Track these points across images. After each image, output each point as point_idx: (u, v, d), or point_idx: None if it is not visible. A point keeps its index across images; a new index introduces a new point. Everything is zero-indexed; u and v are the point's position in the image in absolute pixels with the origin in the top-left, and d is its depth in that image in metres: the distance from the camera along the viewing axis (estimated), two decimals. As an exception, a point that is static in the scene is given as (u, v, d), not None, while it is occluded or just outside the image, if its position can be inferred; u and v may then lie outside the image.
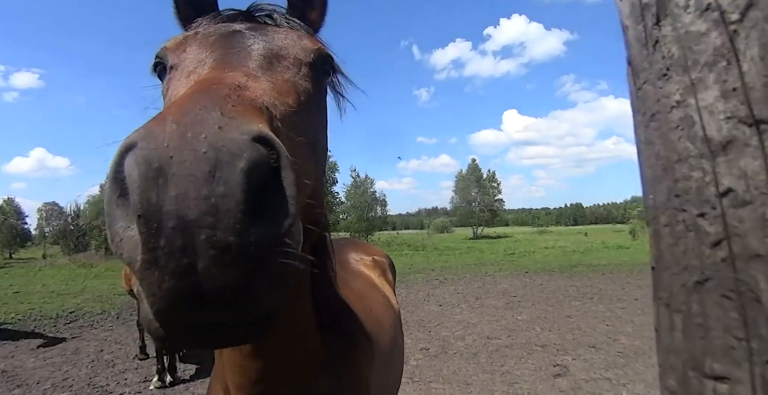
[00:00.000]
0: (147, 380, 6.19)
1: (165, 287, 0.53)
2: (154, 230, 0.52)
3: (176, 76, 0.94)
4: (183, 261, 0.52)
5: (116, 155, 0.59)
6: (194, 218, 0.52)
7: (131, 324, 9.89)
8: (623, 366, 6.59)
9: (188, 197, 0.52)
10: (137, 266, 0.54)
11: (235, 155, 0.55)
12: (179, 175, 0.53)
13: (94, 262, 28.36)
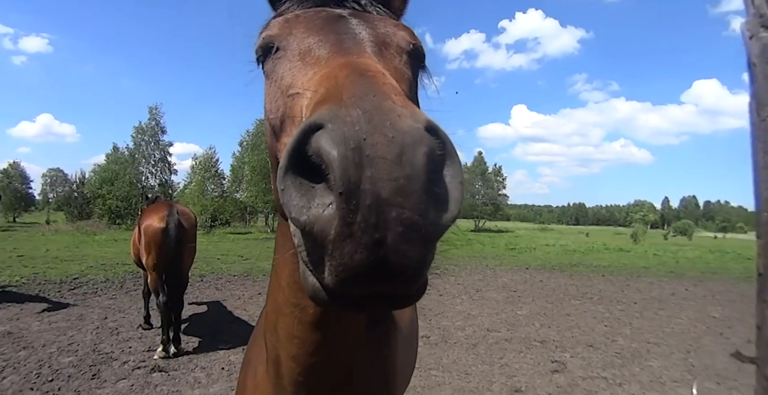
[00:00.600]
0: (151, 349, 6.28)
1: (357, 258, 0.58)
2: (353, 207, 0.57)
3: (288, 57, 0.95)
4: (375, 236, 0.57)
5: (300, 133, 0.62)
6: (386, 197, 0.56)
7: (134, 294, 10.03)
8: (620, 366, 6.66)
9: (382, 178, 0.57)
10: (330, 238, 0.59)
11: (417, 142, 0.59)
12: (373, 157, 0.57)
13: (97, 230, 28.56)
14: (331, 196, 0.59)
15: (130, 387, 5.00)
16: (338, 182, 0.57)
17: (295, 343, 1.17)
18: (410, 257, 0.59)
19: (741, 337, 8.51)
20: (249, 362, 1.52)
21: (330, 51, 0.88)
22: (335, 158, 0.57)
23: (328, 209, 0.60)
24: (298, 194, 0.63)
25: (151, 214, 6.14)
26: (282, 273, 1.18)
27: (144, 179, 37.39)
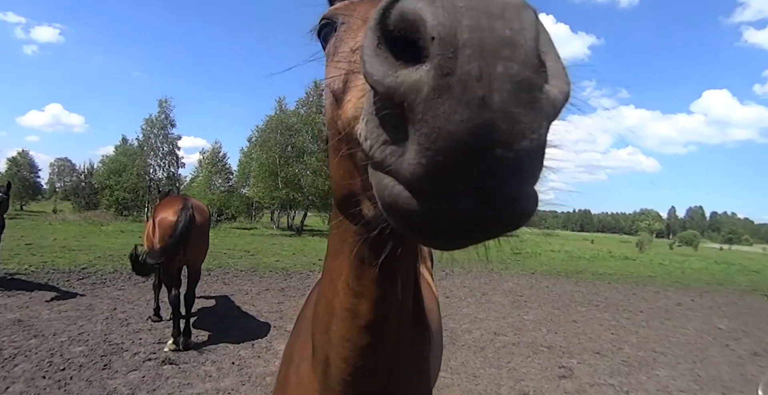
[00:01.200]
0: (161, 341, 6.32)
1: (456, 118, 0.47)
2: (450, 55, 0.47)
3: (352, 27, 0.93)
4: (479, 92, 0.47)
5: (382, 6, 0.54)
6: (490, 47, 0.47)
7: (143, 285, 10.06)
8: (627, 374, 6.65)
9: (483, 28, 0.47)
10: (423, 96, 0.48)
11: (521, 4, 0.51)
12: (470, 9, 0.48)
13: (103, 221, 28.71)
14: (420, 63, 0.50)
15: (141, 379, 5.04)
16: (429, 28, 0.48)
17: (347, 346, 1.19)
18: (524, 125, 0.48)
19: (747, 349, 8.48)
20: (291, 358, 1.53)
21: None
22: (422, 7, 0.49)
23: (420, 69, 0.50)
24: (381, 60, 0.53)
25: (166, 207, 6.17)
26: (338, 278, 1.18)
27: (152, 172, 37.66)
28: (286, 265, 14.87)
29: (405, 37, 0.52)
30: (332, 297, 1.21)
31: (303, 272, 13.70)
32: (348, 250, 1.13)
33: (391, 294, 1.14)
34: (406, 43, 0.52)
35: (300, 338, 1.53)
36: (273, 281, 12.05)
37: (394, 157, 0.54)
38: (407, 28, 0.51)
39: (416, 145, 0.50)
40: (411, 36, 0.51)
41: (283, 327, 7.68)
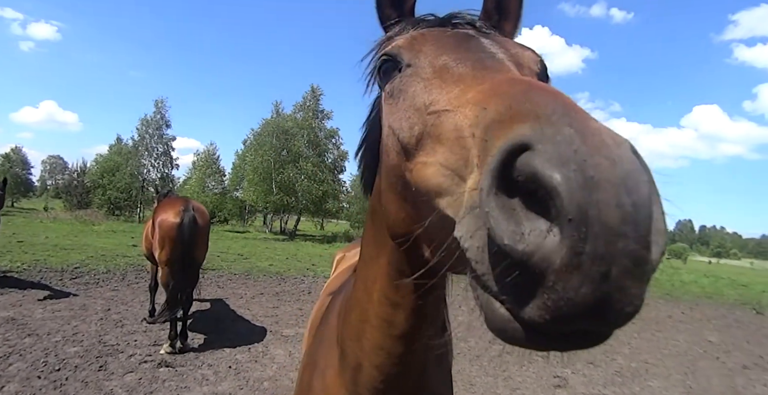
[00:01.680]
0: (157, 343, 6.28)
1: (582, 292, 0.52)
2: (582, 235, 0.51)
3: (421, 74, 0.92)
4: (602, 268, 0.52)
5: (505, 151, 0.58)
6: (614, 226, 0.51)
7: (136, 286, 10.02)
8: (620, 384, 6.71)
9: (609, 205, 0.51)
10: (554, 269, 0.53)
11: (638, 169, 0.55)
12: (598, 180, 0.52)
13: (95, 220, 28.44)
14: (545, 222, 0.54)
15: (138, 381, 5.01)
16: (567, 208, 0.52)
17: (380, 354, 1.23)
18: (632, 295, 0.54)
19: (737, 362, 8.58)
20: (315, 364, 1.55)
21: (474, 68, 0.84)
22: (559, 180, 0.52)
23: (549, 236, 0.54)
24: (506, 218, 0.57)
25: (166, 208, 6.17)
26: (373, 287, 1.21)
27: (145, 172, 37.35)
28: (280, 269, 14.82)
29: (528, 188, 0.56)
30: (367, 306, 1.24)
31: (297, 277, 13.66)
32: (385, 260, 1.17)
33: (427, 305, 1.18)
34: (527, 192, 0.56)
35: (324, 344, 1.56)
36: (267, 285, 12.01)
37: (510, 299, 0.60)
38: (539, 191, 0.55)
39: (542, 304, 0.56)
40: (541, 196, 0.55)
41: (279, 331, 7.66)
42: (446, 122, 0.77)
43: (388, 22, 1.18)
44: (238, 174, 38.56)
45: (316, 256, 20.52)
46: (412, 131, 0.86)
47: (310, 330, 2.17)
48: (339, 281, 2.47)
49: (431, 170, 0.77)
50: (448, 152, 0.74)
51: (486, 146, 0.64)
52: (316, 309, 2.36)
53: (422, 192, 0.79)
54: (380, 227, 1.19)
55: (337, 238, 34.60)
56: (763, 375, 7.99)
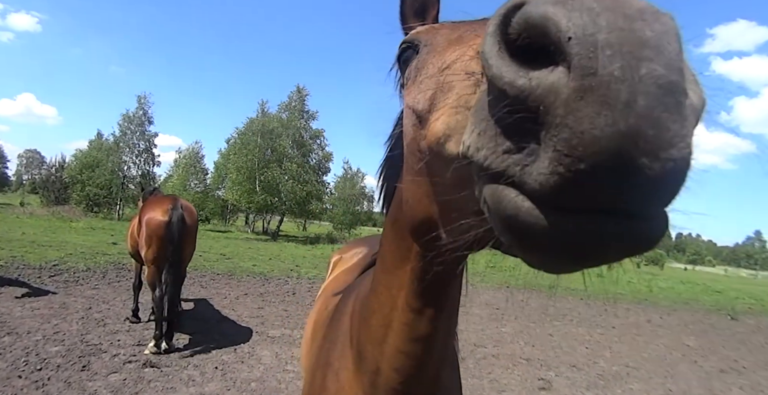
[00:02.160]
0: (141, 343, 6.17)
1: (601, 122, 0.43)
2: (590, 54, 0.43)
3: (437, 49, 0.91)
4: (623, 95, 0.42)
5: (501, 14, 0.52)
6: (632, 49, 0.43)
7: (117, 285, 9.83)
8: (603, 387, 6.83)
9: (623, 28, 0.44)
10: (563, 98, 0.44)
11: (662, 14, 0.47)
12: (604, 10, 0.44)
13: (73, 217, 27.79)
14: (551, 66, 0.47)
15: (122, 381, 4.91)
16: (564, 29, 0.44)
17: (401, 358, 1.24)
18: (672, 133, 0.44)
19: (714, 366, 8.81)
20: (329, 365, 1.55)
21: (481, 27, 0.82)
22: (552, 11, 0.45)
23: (555, 70, 0.46)
24: (509, 63, 0.49)
25: (154, 206, 6.07)
26: (398, 294, 1.23)
27: (126, 169, 36.52)
28: (263, 270, 14.70)
29: (530, 44, 0.48)
30: (390, 312, 1.25)
31: (281, 278, 13.56)
32: (410, 268, 1.19)
33: (446, 310, 1.21)
34: (532, 51, 0.48)
35: (337, 346, 1.56)
36: (251, 285, 11.90)
37: (518, 167, 0.49)
38: (535, 34, 0.47)
39: (552, 152, 0.45)
40: (539, 42, 0.47)
41: (265, 332, 7.59)
42: (454, 66, 0.74)
43: (406, 25, 1.21)
44: (221, 173, 38.10)
45: (300, 257, 20.41)
46: (425, 97, 0.81)
47: (315, 330, 2.15)
48: (340, 282, 2.48)
49: (441, 119, 0.71)
50: (457, 90, 0.69)
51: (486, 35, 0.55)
52: (318, 309, 2.35)
53: (433, 147, 0.72)
54: (403, 236, 1.20)
55: (320, 239, 34.43)
56: (739, 378, 8.22)
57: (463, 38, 0.84)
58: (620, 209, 0.47)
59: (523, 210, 0.49)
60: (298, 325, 8.36)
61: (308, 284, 12.97)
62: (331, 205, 43.25)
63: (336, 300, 2.00)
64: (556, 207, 0.48)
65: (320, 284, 12.77)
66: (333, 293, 2.21)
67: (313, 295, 11.50)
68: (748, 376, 8.46)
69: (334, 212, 44.72)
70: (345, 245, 3.50)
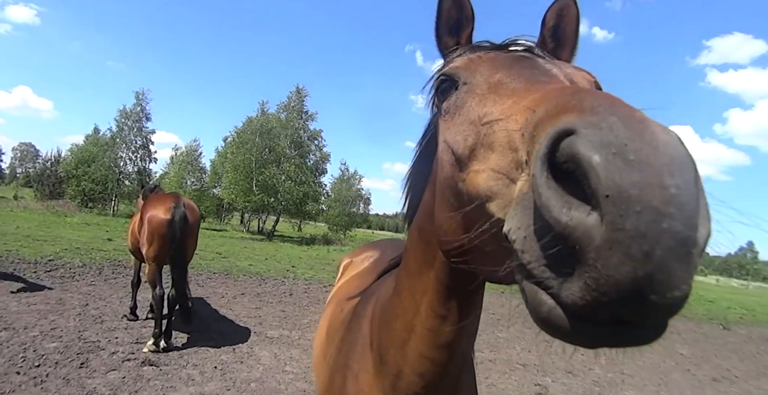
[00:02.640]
0: (139, 341, 6.14)
1: (623, 270, 0.52)
2: (621, 212, 0.52)
3: (476, 91, 0.97)
4: (644, 247, 0.51)
5: (552, 137, 0.61)
6: (657, 205, 0.51)
7: (113, 282, 9.78)
8: (598, 394, 6.88)
9: (651, 184, 0.52)
10: (595, 245, 0.54)
11: (685, 155, 0.56)
12: (639, 162, 0.53)
13: (68, 212, 27.60)
14: (588, 206, 0.56)
15: (121, 379, 4.88)
16: (604, 185, 0.53)
17: (424, 362, 1.27)
18: (678, 278, 0.53)
19: (707, 375, 8.88)
20: (348, 368, 1.56)
21: (527, 82, 0.88)
22: (597, 161, 0.54)
23: (591, 214, 0.55)
24: (556, 196, 0.59)
25: (156, 204, 6.05)
26: (421, 299, 1.26)
27: (122, 165, 36.25)
28: (260, 270, 14.66)
29: (574, 173, 0.58)
30: (413, 317, 1.28)
31: (277, 279, 13.52)
32: (434, 275, 1.22)
33: (470, 316, 1.24)
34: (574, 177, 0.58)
35: (357, 349, 1.57)
36: (248, 285, 11.87)
37: (555, 282, 0.61)
38: (579, 173, 0.57)
39: (583, 283, 0.56)
40: (581, 177, 0.57)
41: (263, 333, 7.58)
42: (498, 130, 0.81)
43: (446, 50, 1.23)
44: (218, 171, 37.92)
45: (296, 258, 20.36)
46: (466, 143, 0.90)
47: (329, 334, 2.16)
48: (353, 287, 2.48)
49: (483, 176, 0.81)
50: (499, 157, 0.78)
51: (534, 140, 0.66)
52: (332, 312, 2.35)
53: (473, 198, 0.82)
54: (428, 244, 1.24)
55: (316, 240, 34.40)
56: (731, 387, 8.29)
57: (503, 87, 0.91)
58: (633, 322, 0.59)
59: (554, 314, 0.62)
60: (296, 326, 8.36)
61: (305, 286, 12.95)
62: (327, 206, 43.15)
63: (352, 304, 2.02)
64: (581, 318, 0.60)
65: (317, 285, 12.75)
66: (347, 297, 2.22)
67: (309, 296, 11.49)
68: (740, 385, 8.54)
69: (330, 213, 44.61)
70: (355, 249, 3.50)
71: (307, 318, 9.21)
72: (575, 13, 1.22)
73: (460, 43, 1.23)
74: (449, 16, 1.22)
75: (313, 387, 5.51)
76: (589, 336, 0.62)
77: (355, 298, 2.04)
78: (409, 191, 1.52)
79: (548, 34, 1.22)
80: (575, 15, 1.22)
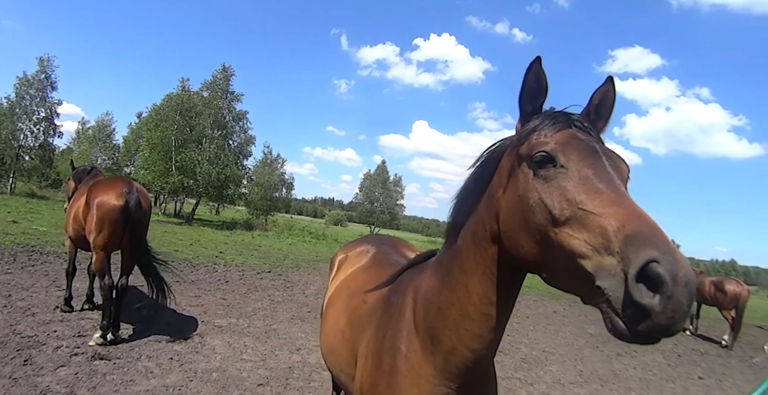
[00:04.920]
0: (81, 334, 5.80)
1: (664, 323, 1.01)
2: (669, 304, 1.00)
3: (570, 177, 1.31)
4: (673, 315, 1.01)
5: (645, 260, 1.02)
6: (681, 300, 1.00)
7: (32, 270, 8.99)
8: (527, 369, 7.66)
9: (682, 294, 1.00)
10: (656, 312, 1.01)
11: (693, 281, 1.03)
12: (681, 283, 1.00)
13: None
14: (657, 294, 1.01)
15: (74, 376, 4.63)
16: (668, 291, 1.00)
17: (478, 341, 1.61)
18: (680, 324, 1.02)
19: (613, 351, 10.14)
20: (396, 348, 1.82)
21: (608, 187, 1.26)
22: (668, 281, 1.00)
23: (655, 298, 1.01)
24: (640, 290, 1.03)
25: (106, 189, 5.68)
26: (473, 290, 1.60)
27: (22, 138, 32.21)
28: (187, 256, 14.11)
29: (651, 279, 1.02)
30: (467, 304, 1.62)
31: (208, 265, 13.11)
32: (486, 270, 1.58)
33: (514, 301, 1.63)
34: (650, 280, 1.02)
35: (402, 334, 1.85)
36: (179, 272, 11.34)
37: (631, 321, 1.06)
38: (656, 282, 1.01)
39: (645, 323, 1.03)
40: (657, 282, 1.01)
41: (210, 321, 7.46)
42: (593, 220, 1.18)
43: (525, 113, 1.56)
44: (130, 150, 35.11)
45: (221, 243, 19.74)
46: (562, 212, 1.26)
47: (353, 322, 2.37)
48: (362, 281, 2.68)
49: (577, 242, 1.19)
50: (593, 237, 1.16)
51: (626, 250, 1.08)
52: (351, 305, 2.52)
53: (567, 250, 1.21)
54: (481, 246, 1.58)
55: (237, 225, 33.41)
56: (632, 360, 9.61)
57: (591, 184, 1.27)
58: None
59: (624, 333, 1.08)
60: (242, 314, 8.29)
61: (238, 273, 12.69)
62: (249, 190, 41.78)
63: (377, 296, 2.25)
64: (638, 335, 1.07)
65: (250, 272, 12.55)
66: (365, 290, 2.42)
67: (246, 283, 11.35)
68: (639, 358, 9.90)
69: (251, 197, 43.27)
70: (347, 244, 3.64)
71: (249, 305, 9.14)
72: (613, 97, 1.58)
73: (536, 109, 1.55)
74: (530, 87, 1.52)
75: (274, 374, 5.61)
76: (638, 341, 1.09)
77: (375, 291, 2.26)
78: (461, 203, 1.79)
79: (593, 109, 1.58)
80: (613, 98, 1.58)
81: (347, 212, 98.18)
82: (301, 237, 31.27)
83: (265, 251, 19.25)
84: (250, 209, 44.31)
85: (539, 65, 1.48)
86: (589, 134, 1.44)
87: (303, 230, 37.16)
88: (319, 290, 12.11)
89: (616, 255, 1.09)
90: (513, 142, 1.55)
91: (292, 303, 10.07)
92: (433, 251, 2.16)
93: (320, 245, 27.98)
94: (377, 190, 64.43)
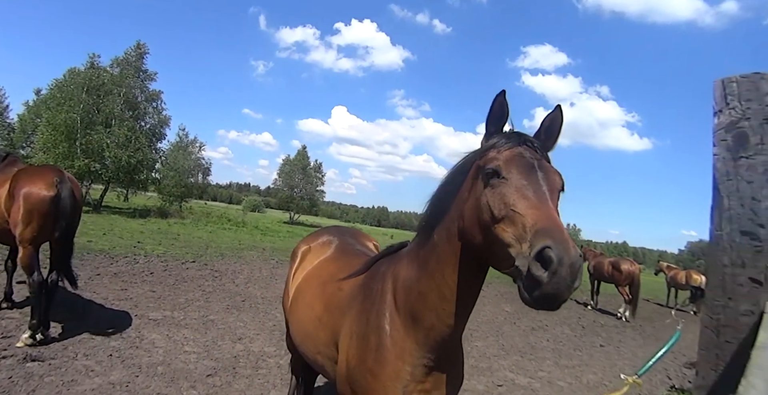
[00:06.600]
0: (5, 336, 5.37)
1: (551, 291, 1.35)
2: (555, 278, 1.33)
3: (509, 186, 1.64)
4: (560, 285, 1.34)
5: (542, 246, 1.36)
6: (566, 276, 1.33)
7: None
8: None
9: (567, 279, 1.33)
10: (545, 281, 1.34)
11: (578, 262, 1.36)
12: (566, 264, 1.32)
13: None
14: (546, 271, 1.34)
15: (8, 380, 4.31)
16: (553, 269, 1.32)
17: (453, 318, 1.97)
18: (564, 295, 1.35)
19: (527, 325, 11.25)
20: (381, 328, 2.11)
21: (534, 195, 1.59)
22: (555, 261, 1.32)
23: (545, 273, 1.33)
24: (537, 266, 1.37)
25: (34, 178, 5.24)
26: (449, 277, 1.94)
27: None
28: (103, 247, 13.16)
29: (544, 259, 1.35)
30: (444, 288, 1.96)
31: (128, 256, 12.37)
32: (459, 260, 1.92)
33: (481, 285, 1.99)
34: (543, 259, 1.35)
35: (385, 316, 2.15)
36: (99, 264, 10.67)
37: (528, 288, 1.40)
38: (548, 260, 1.34)
39: (538, 291, 1.37)
40: (548, 261, 1.34)
41: (143, 315, 7.18)
42: (518, 219, 1.53)
43: (488, 133, 1.91)
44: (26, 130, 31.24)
45: (137, 232, 18.55)
46: (500, 211, 1.60)
47: (331, 308, 2.62)
48: (333, 269, 2.95)
49: (506, 234, 1.54)
50: (516, 231, 1.51)
51: (533, 238, 1.42)
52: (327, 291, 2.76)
53: (500, 240, 1.56)
54: (452, 240, 1.92)
55: (151, 212, 31.34)
56: (545, 334, 10.75)
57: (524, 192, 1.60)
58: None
59: (525, 298, 1.44)
60: (176, 306, 8.06)
61: (161, 263, 12.14)
62: (162, 175, 38.95)
63: (352, 283, 2.54)
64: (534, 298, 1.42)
65: (173, 262, 12.10)
66: (338, 279, 2.70)
67: (172, 275, 10.93)
68: (551, 332, 11.10)
69: (165, 183, 40.43)
70: (308, 235, 3.79)
71: (181, 296, 8.88)
72: (561, 121, 1.93)
73: (497, 129, 1.90)
74: (495, 113, 1.86)
75: (221, 364, 5.62)
76: (538, 306, 1.42)
77: (349, 279, 2.56)
78: (435, 203, 2.12)
79: (543, 130, 1.92)
80: (560, 123, 1.93)
81: (264, 198, 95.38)
82: (219, 225, 30.08)
83: (186, 240, 18.42)
84: (163, 196, 41.46)
85: (503, 97, 1.82)
86: (534, 152, 1.78)
87: (221, 217, 35.64)
88: (248, 279, 11.97)
89: (527, 243, 1.43)
90: (478, 155, 1.86)
91: (224, 292, 9.91)
92: (404, 243, 2.46)
93: (241, 233, 27.24)
94: (297, 176, 63.10)
